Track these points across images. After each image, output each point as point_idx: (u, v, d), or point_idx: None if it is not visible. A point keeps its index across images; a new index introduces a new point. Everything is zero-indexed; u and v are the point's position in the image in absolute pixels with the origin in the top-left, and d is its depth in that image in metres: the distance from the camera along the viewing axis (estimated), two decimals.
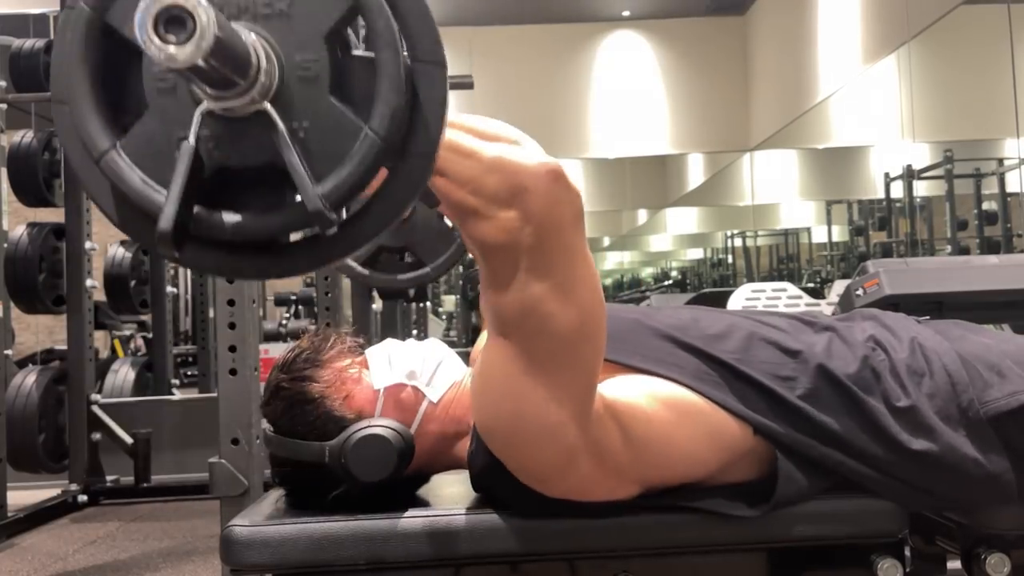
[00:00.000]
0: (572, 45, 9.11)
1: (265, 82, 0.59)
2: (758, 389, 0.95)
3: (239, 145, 0.61)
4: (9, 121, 3.43)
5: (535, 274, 0.78)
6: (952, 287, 2.21)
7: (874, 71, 6.55)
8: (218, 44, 0.52)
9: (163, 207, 0.58)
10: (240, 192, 0.62)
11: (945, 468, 0.94)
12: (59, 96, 0.63)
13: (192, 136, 0.59)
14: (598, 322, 0.84)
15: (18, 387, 3.24)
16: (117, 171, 0.60)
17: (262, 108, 0.59)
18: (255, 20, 0.61)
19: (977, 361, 0.98)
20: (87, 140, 0.61)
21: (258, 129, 0.60)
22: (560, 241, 0.78)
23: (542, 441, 0.85)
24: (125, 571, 2.63)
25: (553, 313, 0.80)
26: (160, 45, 0.52)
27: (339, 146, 0.60)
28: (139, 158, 0.61)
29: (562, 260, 0.79)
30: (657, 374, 0.94)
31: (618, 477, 0.91)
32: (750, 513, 0.92)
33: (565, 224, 0.78)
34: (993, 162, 6.43)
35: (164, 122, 0.61)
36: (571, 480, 0.89)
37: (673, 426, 0.91)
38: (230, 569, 0.94)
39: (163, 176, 0.60)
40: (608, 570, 0.95)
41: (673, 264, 14.93)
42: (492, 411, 0.88)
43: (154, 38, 0.52)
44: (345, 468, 0.94)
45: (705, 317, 1.06)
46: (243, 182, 0.62)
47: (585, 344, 0.84)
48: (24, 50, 3.54)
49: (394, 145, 0.61)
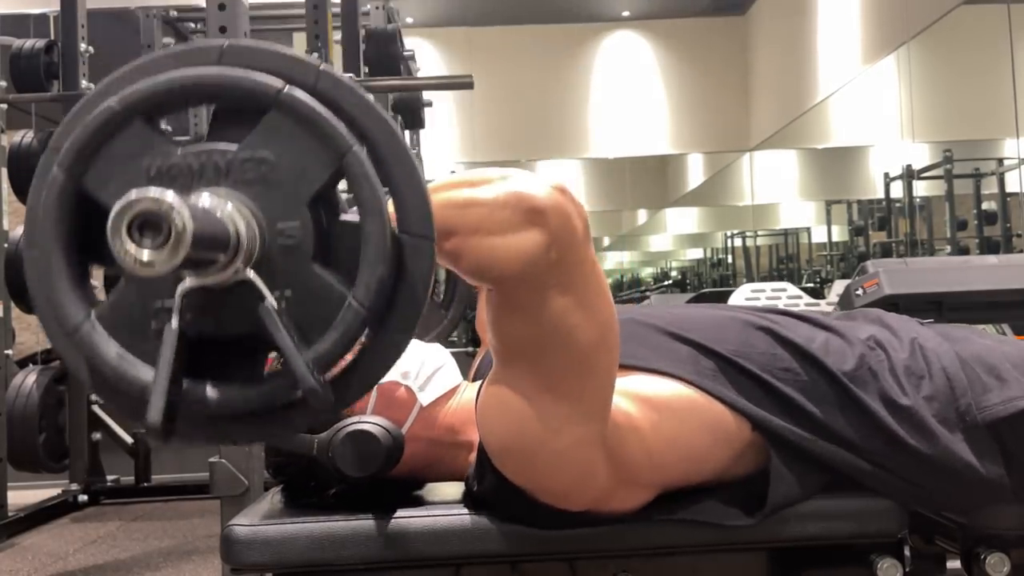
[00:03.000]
0: (572, 45, 9.10)
1: (247, 250, 0.57)
2: (756, 382, 0.95)
3: (220, 315, 0.59)
4: (9, 121, 3.43)
5: (557, 291, 0.78)
6: (952, 287, 2.21)
7: (874, 71, 6.54)
8: (196, 239, 0.51)
9: (149, 395, 0.56)
10: (220, 360, 0.61)
11: (940, 470, 0.94)
12: (31, 240, 0.61)
13: (175, 319, 0.57)
14: (614, 333, 0.84)
15: (18, 387, 3.24)
16: (92, 346, 0.59)
17: (245, 277, 0.57)
18: (236, 185, 0.59)
19: (977, 364, 0.98)
20: (59, 311, 0.59)
21: (240, 297, 0.58)
22: (577, 254, 0.78)
23: (564, 461, 0.85)
24: (125, 571, 2.63)
25: (576, 326, 0.80)
26: (134, 252, 0.50)
27: (322, 314, 0.59)
28: (115, 328, 0.59)
29: (580, 272, 0.79)
30: (657, 371, 0.94)
31: (634, 484, 0.90)
32: (746, 522, 0.92)
33: (579, 237, 0.78)
34: (993, 162, 6.43)
35: (141, 292, 0.60)
36: (592, 493, 0.88)
37: (677, 425, 0.91)
38: (230, 569, 0.94)
39: (139, 346, 0.59)
40: (608, 570, 0.95)
41: (673, 264, 14.91)
42: (510, 437, 0.86)
43: (128, 245, 0.50)
44: (332, 462, 0.93)
45: (702, 312, 1.06)
46: (223, 349, 0.60)
47: (603, 355, 0.83)
48: (24, 50, 3.53)
49: (377, 314, 0.60)
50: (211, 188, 0.58)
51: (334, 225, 0.62)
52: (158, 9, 4.30)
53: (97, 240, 0.60)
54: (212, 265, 0.56)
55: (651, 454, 0.89)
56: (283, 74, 0.60)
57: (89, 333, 0.59)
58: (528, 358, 0.83)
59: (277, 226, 0.59)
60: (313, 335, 0.59)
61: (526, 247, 0.75)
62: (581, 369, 0.82)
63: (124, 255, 0.51)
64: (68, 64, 3.47)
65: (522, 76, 8.93)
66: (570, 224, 0.77)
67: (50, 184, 0.59)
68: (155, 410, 0.56)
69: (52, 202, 0.59)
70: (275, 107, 0.59)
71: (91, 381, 0.62)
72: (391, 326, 0.62)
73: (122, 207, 0.50)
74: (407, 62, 4.20)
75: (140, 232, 0.50)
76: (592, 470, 0.86)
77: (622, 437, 0.87)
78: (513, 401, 0.84)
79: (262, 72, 0.60)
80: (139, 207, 0.50)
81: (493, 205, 0.75)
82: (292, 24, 4.89)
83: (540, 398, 0.83)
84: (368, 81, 3.27)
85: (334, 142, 0.59)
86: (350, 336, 0.59)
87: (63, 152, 0.59)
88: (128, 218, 0.50)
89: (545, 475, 0.87)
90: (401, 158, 0.61)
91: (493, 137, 8.77)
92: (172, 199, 0.50)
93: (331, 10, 3.19)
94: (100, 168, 0.59)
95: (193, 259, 0.52)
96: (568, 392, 0.82)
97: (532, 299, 0.78)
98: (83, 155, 0.59)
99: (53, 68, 3.56)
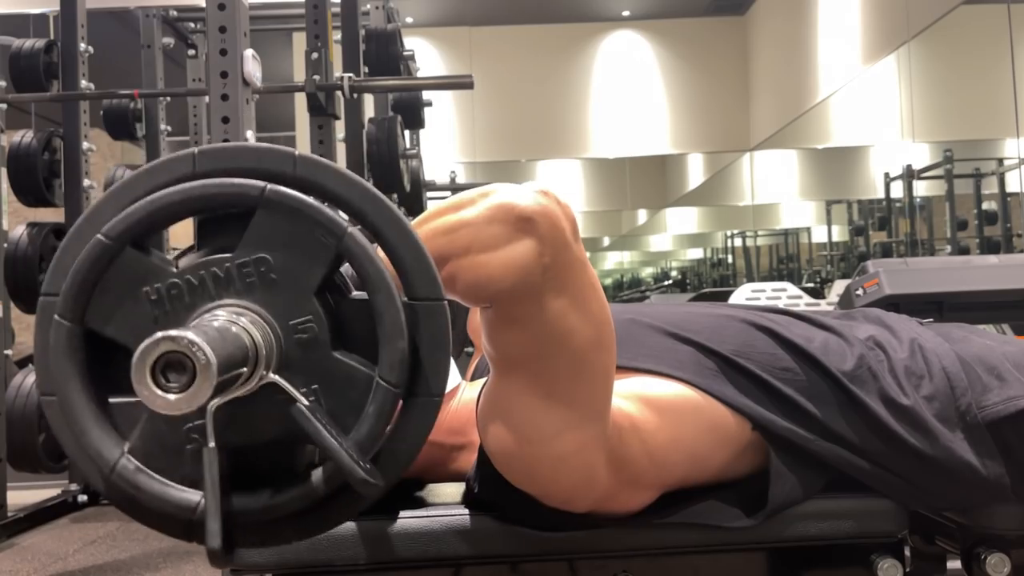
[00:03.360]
0: (572, 45, 9.10)
1: (267, 356, 0.57)
2: (756, 382, 0.95)
3: (252, 422, 0.59)
4: (9, 121, 3.43)
5: (553, 294, 0.78)
6: (952, 287, 2.21)
7: (874, 71, 6.54)
8: (221, 367, 0.51)
9: (198, 516, 0.56)
10: (260, 465, 0.60)
11: (941, 470, 0.94)
12: (46, 389, 0.61)
13: (211, 439, 0.56)
14: (610, 330, 0.84)
15: (18, 387, 3.24)
16: (133, 482, 0.58)
17: (270, 380, 0.57)
18: (240, 293, 0.59)
19: (977, 363, 0.98)
20: (93, 453, 0.59)
21: (268, 400, 0.58)
22: (569, 255, 0.78)
23: (566, 465, 0.84)
24: (125, 571, 2.63)
25: (573, 327, 0.80)
26: (160, 395, 0.50)
27: (352, 398, 0.59)
28: (149, 458, 0.59)
29: (573, 273, 0.79)
30: (658, 372, 0.94)
31: (636, 486, 0.90)
32: (747, 523, 0.92)
33: (568, 237, 0.78)
34: (993, 162, 6.43)
35: (170, 418, 0.58)
36: (594, 495, 0.88)
37: (678, 426, 0.91)
38: (230, 569, 0.94)
39: (177, 470, 0.59)
40: (608, 570, 0.95)
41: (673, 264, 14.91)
42: (511, 444, 0.86)
43: (156, 392, 0.50)
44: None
45: (702, 311, 1.06)
46: (260, 454, 0.60)
47: (601, 354, 0.83)
48: (24, 50, 3.53)
49: (405, 385, 0.60)
50: (216, 303, 0.58)
51: (344, 306, 0.61)
52: (158, 9, 4.30)
53: (110, 372, 0.60)
54: (236, 381, 0.55)
55: (652, 455, 0.89)
56: (261, 169, 0.60)
57: (126, 468, 0.59)
58: (525, 365, 0.82)
59: (290, 323, 0.59)
60: (348, 420, 0.59)
61: (519, 257, 0.74)
62: (579, 371, 0.82)
63: (153, 401, 0.50)
64: (68, 64, 3.47)
65: (522, 76, 8.93)
66: (559, 226, 0.76)
67: (55, 331, 0.59)
68: (213, 535, 0.56)
69: (61, 347, 0.59)
70: (262, 207, 0.59)
71: (137, 514, 0.62)
72: (421, 391, 0.62)
73: (142, 353, 0.50)
74: (407, 62, 4.20)
75: (164, 374, 0.50)
76: (594, 473, 0.86)
77: (623, 438, 0.87)
78: (513, 408, 0.84)
79: (239, 171, 0.59)
80: (159, 350, 0.50)
81: (480, 223, 0.74)
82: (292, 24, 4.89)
83: (539, 404, 0.82)
84: (368, 81, 3.27)
85: (328, 228, 0.59)
86: (385, 416, 0.59)
87: (62, 300, 0.59)
88: (150, 363, 0.50)
89: (548, 480, 0.86)
90: (393, 223, 0.61)
91: (493, 137, 8.77)
92: (191, 336, 0.50)
93: (331, 10, 3.19)
94: (101, 304, 0.59)
95: (220, 384, 0.52)
96: (567, 396, 0.82)
97: (528, 309, 0.78)
98: (81, 297, 0.59)
99: (53, 68, 3.56)
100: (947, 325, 1.11)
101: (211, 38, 2.11)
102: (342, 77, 3.11)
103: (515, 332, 0.80)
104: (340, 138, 3.43)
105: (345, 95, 3.14)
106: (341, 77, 3.12)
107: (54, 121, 3.72)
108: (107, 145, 6.84)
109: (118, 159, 8.50)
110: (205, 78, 3.49)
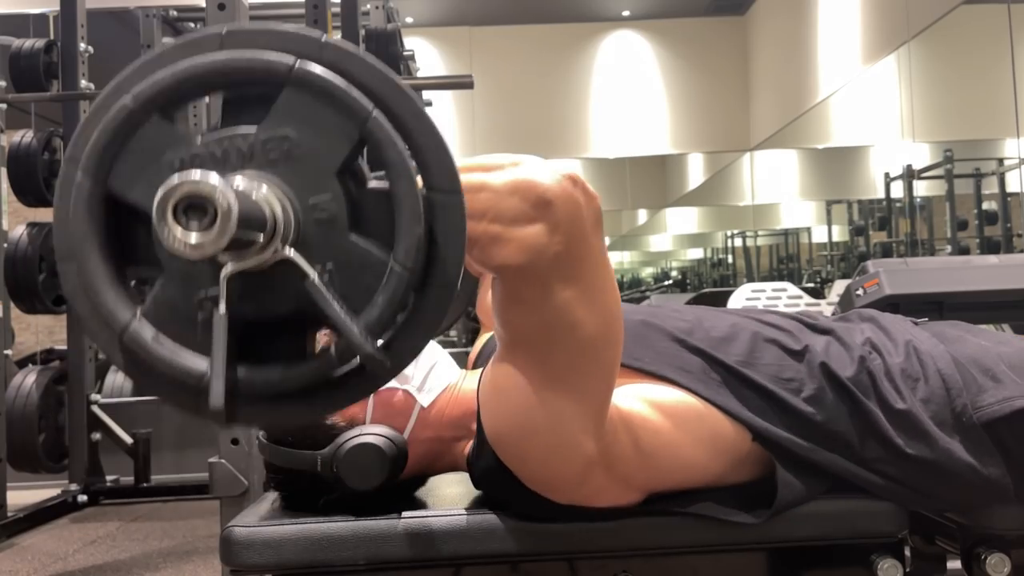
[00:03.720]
0: (572, 45, 9.11)
1: (284, 230, 0.57)
2: (761, 393, 0.95)
3: (264, 297, 0.59)
4: (9, 121, 3.43)
5: (562, 284, 0.76)
6: (952, 287, 2.21)
7: (874, 71, 6.55)
8: (241, 219, 0.51)
9: (208, 380, 0.57)
10: (269, 342, 0.61)
11: (941, 473, 0.93)
12: (64, 254, 0.61)
13: (223, 304, 0.57)
14: (618, 326, 0.83)
15: (18, 387, 3.24)
16: (143, 344, 0.59)
17: (284, 256, 0.57)
18: (262, 167, 0.59)
19: (972, 364, 0.98)
20: (106, 314, 0.59)
21: (282, 277, 0.58)
22: (584, 247, 0.76)
23: (558, 455, 0.84)
24: (125, 571, 2.63)
25: (580, 320, 0.78)
26: (182, 236, 0.51)
27: (365, 282, 0.59)
28: (161, 323, 0.59)
29: (586, 266, 0.77)
30: (663, 378, 0.94)
31: (625, 485, 0.90)
32: (750, 520, 0.92)
33: (588, 229, 0.76)
34: (993, 162, 6.43)
35: (183, 285, 0.59)
36: (583, 489, 0.88)
37: (679, 433, 0.91)
38: (230, 569, 0.94)
39: (188, 338, 0.59)
40: (608, 570, 0.95)
41: (673, 264, 14.91)
42: (507, 424, 0.86)
43: (176, 229, 0.51)
44: (337, 477, 0.93)
45: (709, 318, 1.05)
46: (270, 331, 0.61)
47: (606, 350, 0.82)
48: (24, 50, 3.54)
49: (419, 274, 0.60)
50: (239, 172, 0.58)
51: (362, 195, 0.61)
52: (158, 9, 4.30)
53: (129, 243, 0.61)
54: (251, 247, 0.56)
55: (645, 456, 0.89)
56: (289, 51, 0.60)
57: (139, 331, 0.59)
58: (530, 347, 0.82)
59: (309, 201, 0.59)
60: (359, 304, 0.59)
61: (529, 237, 0.73)
62: (582, 363, 0.81)
63: (172, 240, 0.51)
64: (68, 64, 3.48)
65: (522, 76, 8.93)
66: (579, 215, 0.74)
67: (77, 192, 0.59)
68: (216, 394, 0.56)
69: (82, 209, 0.58)
70: (290, 84, 0.59)
71: (146, 381, 0.62)
72: (433, 283, 0.62)
73: (166, 191, 0.51)
74: (407, 62, 4.20)
75: (186, 215, 0.51)
76: (584, 466, 0.85)
77: (617, 436, 0.87)
78: (513, 387, 0.83)
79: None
80: (184, 190, 0.50)
81: (501, 192, 0.72)
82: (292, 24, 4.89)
83: (539, 388, 0.82)
84: None
85: (353, 110, 0.59)
86: (397, 300, 0.59)
87: (85, 158, 0.59)
88: (173, 202, 0.51)
89: (538, 464, 0.87)
90: (418, 116, 0.61)
91: (493, 137, 8.77)
92: (216, 180, 0.51)
93: (331, 10, 3.19)
94: (124, 168, 0.59)
95: (237, 240, 0.53)
96: (567, 385, 0.82)
97: (535, 291, 0.77)
98: (105, 158, 0.59)
99: (53, 68, 3.56)
100: (941, 324, 1.10)
101: None
102: None
103: (520, 312, 0.79)
104: None
105: None
106: None
107: (54, 121, 3.72)
108: None
109: None
110: None
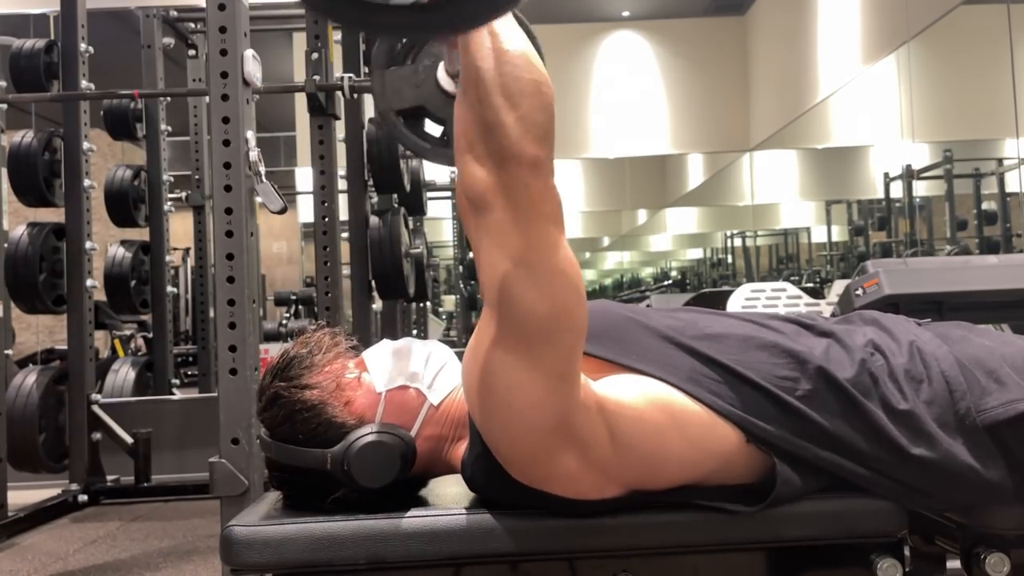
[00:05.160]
0: (572, 45, 9.11)
1: None
2: (756, 390, 0.95)
3: None
4: (9, 121, 3.43)
5: (498, 239, 0.84)
6: (952, 287, 2.21)
7: (874, 71, 6.55)
8: None
9: None
10: None
11: (943, 474, 0.94)
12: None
13: None
14: (577, 319, 0.86)
15: (18, 387, 3.24)
16: None
17: None
18: None
19: (976, 366, 0.98)
20: None
21: None
22: (533, 212, 0.83)
23: (518, 419, 0.87)
24: (125, 571, 2.63)
25: (519, 297, 0.84)
26: None
27: None
28: None
29: (531, 235, 0.83)
30: (650, 375, 0.94)
31: (604, 474, 0.91)
32: (748, 509, 0.92)
33: (542, 206, 0.84)
34: (993, 162, 6.43)
35: None
36: (554, 470, 0.89)
37: (662, 429, 0.91)
38: (230, 569, 0.94)
39: None
40: (608, 570, 0.95)
41: (673, 264, 14.92)
42: (471, 375, 0.90)
43: None
44: (348, 475, 0.94)
45: (703, 318, 1.06)
46: None
47: (563, 334, 0.86)
48: (24, 50, 3.54)
49: None
50: None
51: None
52: (158, 9, 4.30)
53: None
54: None
55: (622, 445, 0.89)
56: None
57: None
58: (492, 308, 0.87)
59: None
60: None
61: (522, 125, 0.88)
62: (534, 342, 0.85)
63: None
64: (68, 64, 3.47)
65: None
66: (533, 184, 0.84)
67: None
68: None
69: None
70: None
71: None
72: None
73: None
74: None
75: None
76: (549, 444, 0.87)
77: (591, 419, 0.88)
78: (478, 348, 0.89)
79: None
80: None
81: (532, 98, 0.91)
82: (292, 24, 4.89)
83: (497, 351, 0.86)
84: (368, 81, 3.27)
85: None
86: None
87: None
88: None
89: (502, 431, 0.89)
90: None
91: None
92: None
93: None
94: None
95: None
96: (524, 358, 0.85)
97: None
98: None
99: (53, 68, 3.56)
100: (946, 324, 1.10)
101: (211, 38, 2.11)
102: (342, 77, 3.12)
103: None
104: (340, 138, 3.43)
105: (345, 95, 3.14)
106: (341, 77, 3.12)
107: (54, 121, 3.73)
108: (107, 145, 6.85)
109: (118, 159, 8.50)
110: (205, 78, 3.50)
